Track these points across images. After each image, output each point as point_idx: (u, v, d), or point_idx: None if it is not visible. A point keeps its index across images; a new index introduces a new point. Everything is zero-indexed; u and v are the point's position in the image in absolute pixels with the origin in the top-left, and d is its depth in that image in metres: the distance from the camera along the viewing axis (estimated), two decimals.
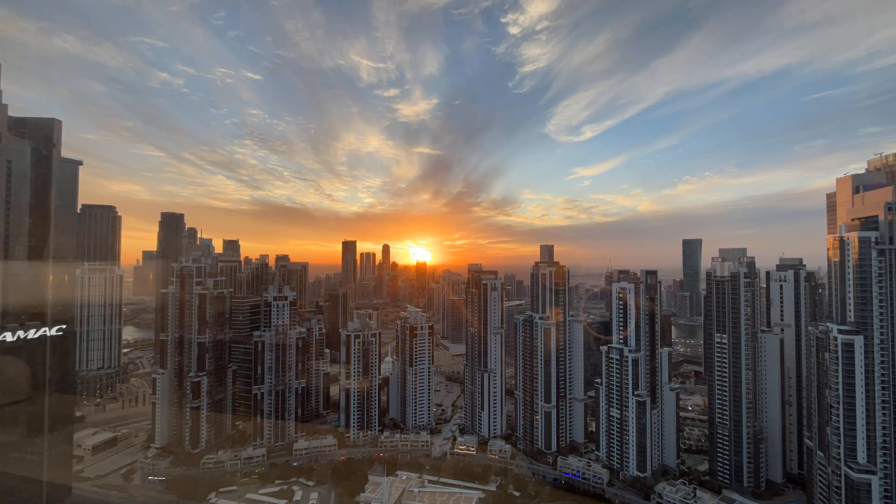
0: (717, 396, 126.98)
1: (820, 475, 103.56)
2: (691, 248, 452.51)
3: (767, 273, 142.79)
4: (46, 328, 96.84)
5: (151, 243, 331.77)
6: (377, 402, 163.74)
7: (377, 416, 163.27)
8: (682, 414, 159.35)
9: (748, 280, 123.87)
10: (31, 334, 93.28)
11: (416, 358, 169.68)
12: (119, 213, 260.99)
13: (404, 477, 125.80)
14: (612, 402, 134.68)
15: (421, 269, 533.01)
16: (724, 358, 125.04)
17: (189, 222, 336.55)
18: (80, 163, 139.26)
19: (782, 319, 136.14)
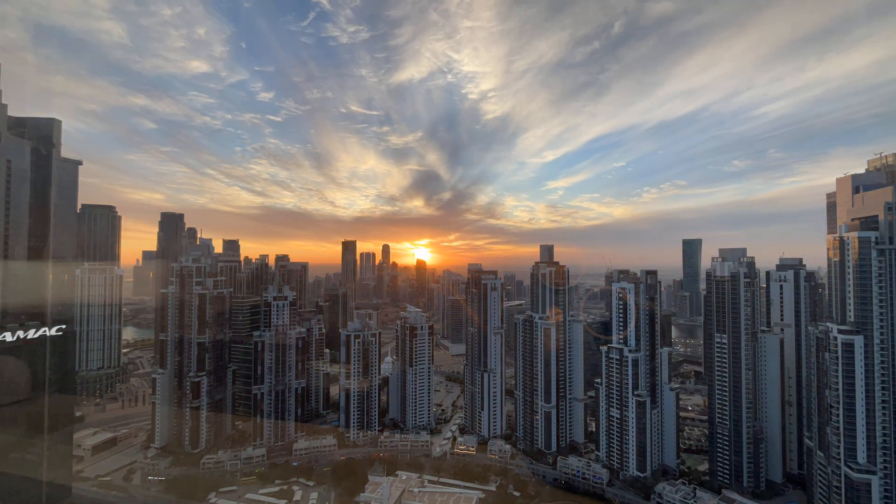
0: (717, 396, 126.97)
1: (820, 475, 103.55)
2: (691, 248, 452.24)
3: (767, 273, 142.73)
4: (46, 328, 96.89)
5: (151, 243, 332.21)
6: (377, 402, 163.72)
7: (377, 416, 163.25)
8: (682, 414, 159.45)
9: (748, 280, 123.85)
10: (31, 334, 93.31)
11: (416, 358, 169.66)
12: (119, 213, 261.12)
13: (404, 477, 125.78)
14: (612, 402, 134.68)
15: (421, 269, 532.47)
16: (724, 358, 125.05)
17: (193, 225, 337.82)
18: (80, 163, 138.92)
19: (782, 319, 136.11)
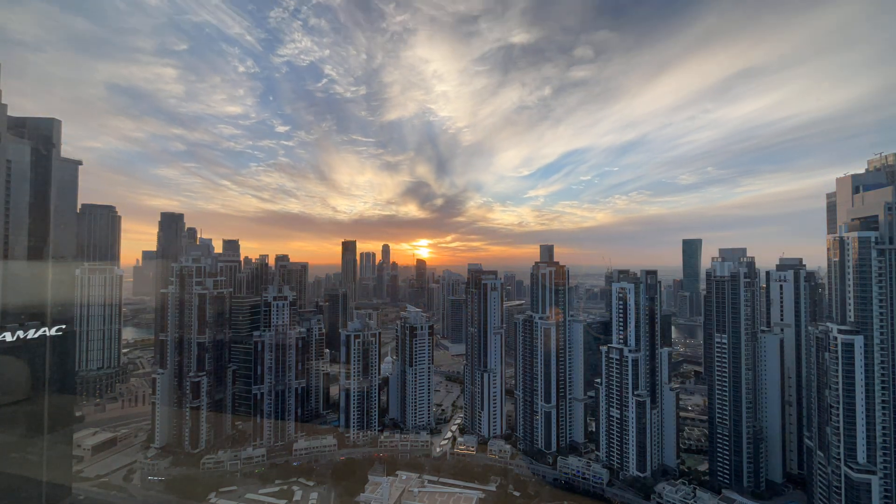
0: (717, 396, 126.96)
1: (820, 475, 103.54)
2: (691, 248, 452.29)
3: (767, 273, 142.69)
4: (46, 328, 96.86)
5: (151, 243, 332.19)
6: (377, 402, 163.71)
7: (377, 416, 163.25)
8: (682, 414, 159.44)
9: (748, 280, 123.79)
10: (31, 334, 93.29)
11: (416, 358, 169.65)
12: (119, 213, 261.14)
13: (404, 477, 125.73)
14: (612, 402, 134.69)
15: (421, 269, 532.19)
16: (724, 358, 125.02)
17: (198, 228, 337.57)
18: (80, 163, 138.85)
19: (782, 319, 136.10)
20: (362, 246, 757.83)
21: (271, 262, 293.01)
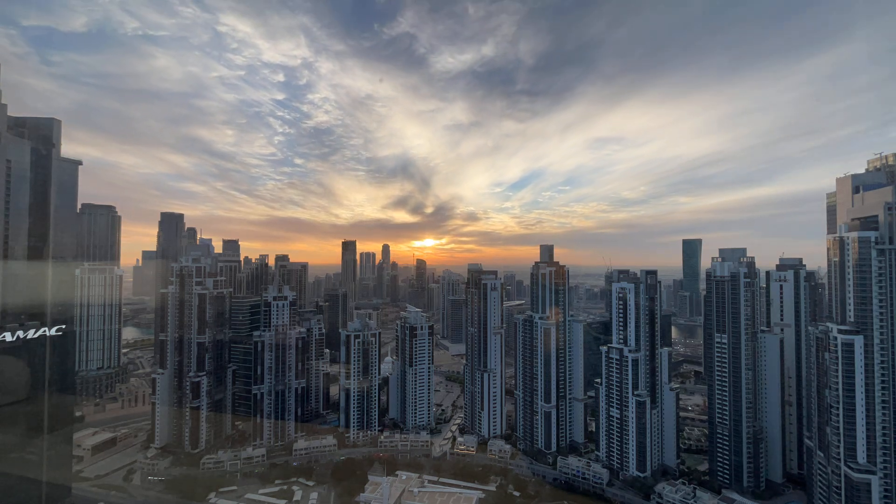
0: (717, 396, 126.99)
1: (820, 475, 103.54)
2: (691, 248, 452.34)
3: (767, 273, 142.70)
4: (46, 328, 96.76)
5: (151, 244, 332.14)
6: (377, 402, 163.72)
7: (377, 416, 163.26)
8: (682, 414, 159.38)
9: (748, 280, 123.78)
10: (31, 334, 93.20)
11: (416, 358, 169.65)
12: (119, 213, 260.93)
13: (404, 477, 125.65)
14: (612, 402, 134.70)
15: (421, 269, 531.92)
16: (724, 358, 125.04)
17: (197, 228, 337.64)
18: (80, 163, 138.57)
19: (782, 319, 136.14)
20: (362, 246, 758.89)
21: (271, 262, 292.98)
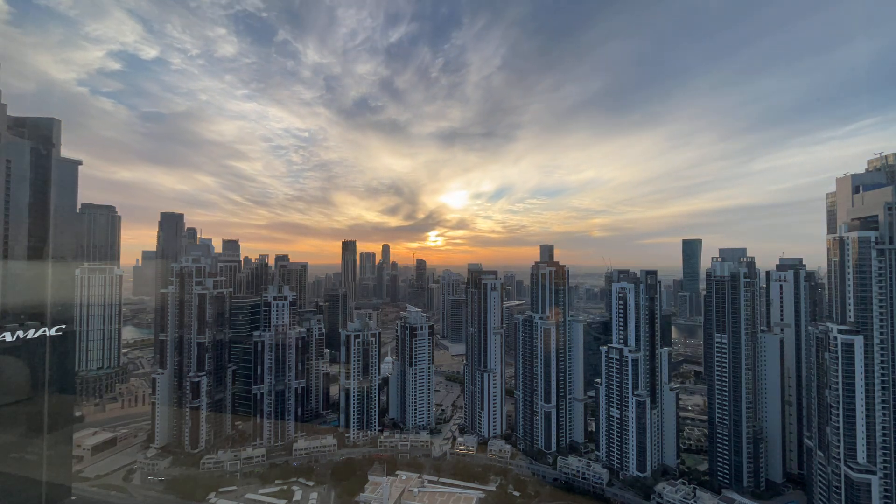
0: (716, 396, 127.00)
1: (820, 475, 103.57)
2: (691, 248, 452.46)
3: (767, 273, 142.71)
4: (46, 328, 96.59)
5: (151, 244, 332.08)
6: (377, 402, 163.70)
7: (377, 416, 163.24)
8: (682, 414, 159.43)
9: (748, 280, 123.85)
10: (31, 334, 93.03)
11: (416, 358, 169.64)
12: (119, 213, 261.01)
13: (404, 477, 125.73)
14: (612, 402, 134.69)
15: (420, 269, 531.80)
16: (724, 358, 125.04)
17: (197, 228, 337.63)
18: (80, 162, 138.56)
19: (782, 319, 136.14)
20: (362, 246, 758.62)
21: (271, 262, 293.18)
